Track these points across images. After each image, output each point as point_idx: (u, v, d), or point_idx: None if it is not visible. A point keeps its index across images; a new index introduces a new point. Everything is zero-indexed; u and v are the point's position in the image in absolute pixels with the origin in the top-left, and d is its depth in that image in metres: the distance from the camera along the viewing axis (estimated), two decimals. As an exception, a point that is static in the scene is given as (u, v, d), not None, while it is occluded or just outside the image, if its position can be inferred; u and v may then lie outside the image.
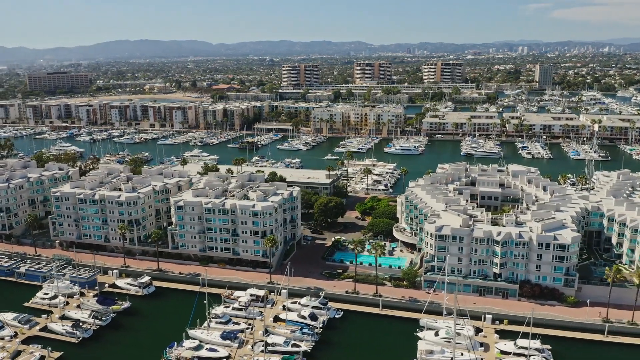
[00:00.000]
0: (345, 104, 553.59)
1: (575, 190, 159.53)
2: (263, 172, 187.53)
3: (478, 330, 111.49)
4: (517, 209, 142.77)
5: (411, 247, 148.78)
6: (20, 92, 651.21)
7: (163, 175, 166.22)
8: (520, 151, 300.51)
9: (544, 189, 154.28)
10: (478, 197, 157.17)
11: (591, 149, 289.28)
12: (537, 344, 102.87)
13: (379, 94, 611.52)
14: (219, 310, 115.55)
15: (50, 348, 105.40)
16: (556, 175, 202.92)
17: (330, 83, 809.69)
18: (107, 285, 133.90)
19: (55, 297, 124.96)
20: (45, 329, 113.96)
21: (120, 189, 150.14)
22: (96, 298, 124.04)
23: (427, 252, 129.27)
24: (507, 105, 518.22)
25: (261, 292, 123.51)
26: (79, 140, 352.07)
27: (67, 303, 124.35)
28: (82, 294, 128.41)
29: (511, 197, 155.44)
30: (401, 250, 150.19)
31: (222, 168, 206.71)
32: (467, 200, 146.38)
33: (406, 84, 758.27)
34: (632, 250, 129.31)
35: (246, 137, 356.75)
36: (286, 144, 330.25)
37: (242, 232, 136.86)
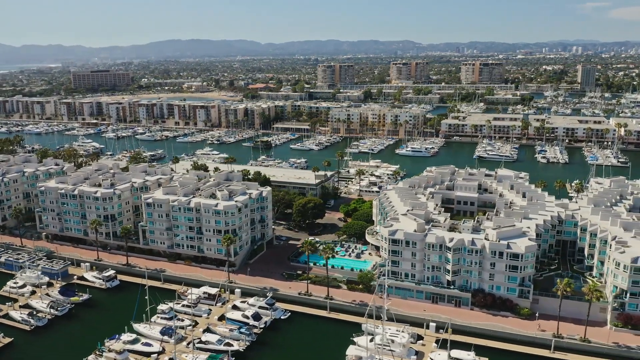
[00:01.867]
0: (374, 104, 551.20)
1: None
2: (248, 171, 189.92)
3: (419, 338, 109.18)
4: (490, 215, 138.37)
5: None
6: (64, 89, 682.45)
7: (146, 173, 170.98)
8: (536, 155, 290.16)
9: (523, 195, 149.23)
10: (455, 202, 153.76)
11: (612, 154, 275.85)
12: (471, 355, 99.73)
13: (410, 94, 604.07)
14: (164, 306, 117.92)
15: (2, 334, 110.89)
16: (564, 181, 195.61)
17: (365, 83, 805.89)
18: (75, 277, 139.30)
19: (24, 286, 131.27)
20: (6, 316, 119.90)
21: (99, 185, 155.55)
22: (58, 289, 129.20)
23: (382, 256, 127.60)
24: (542, 107, 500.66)
25: (214, 291, 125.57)
26: (104, 137, 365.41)
27: (34, 292, 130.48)
28: (50, 285, 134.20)
29: (488, 202, 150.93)
30: (370, 254, 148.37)
31: (220, 167, 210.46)
32: (437, 205, 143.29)
33: (442, 84, 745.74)
34: (603, 263, 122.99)
35: (262, 136, 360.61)
36: (298, 144, 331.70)
37: (206, 230, 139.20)
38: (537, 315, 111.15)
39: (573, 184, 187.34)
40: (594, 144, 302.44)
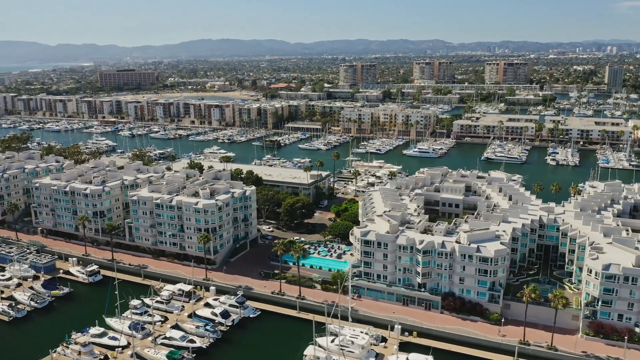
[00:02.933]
0: (392, 104, 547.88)
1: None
2: (241, 170, 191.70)
3: (383, 340, 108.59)
4: (469, 217, 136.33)
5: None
6: (90, 88, 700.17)
7: (139, 171, 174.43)
8: (546, 157, 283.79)
9: (510, 198, 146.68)
10: (439, 204, 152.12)
11: (625, 157, 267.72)
12: (429, 359, 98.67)
13: (429, 94, 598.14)
14: (136, 301, 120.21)
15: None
16: (570, 184, 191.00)
17: (388, 82, 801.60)
18: (61, 271, 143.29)
19: (10, 278, 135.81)
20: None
21: (90, 182, 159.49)
22: (41, 282, 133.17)
23: (355, 257, 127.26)
24: (564, 108, 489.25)
25: (188, 288, 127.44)
26: (120, 135, 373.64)
27: (20, 285, 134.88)
28: (36, 278, 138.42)
29: (473, 205, 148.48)
30: (352, 254, 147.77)
31: (221, 166, 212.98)
32: (418, 206, 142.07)
33: (466, 83, 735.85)
34: (582, 269, 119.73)
35: (272, 135, 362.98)
36: (306, 144, 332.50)
37: (187, 228, 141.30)
38: (502, 320, 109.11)
39: (570, 188, 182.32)
40: (607, 146, 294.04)
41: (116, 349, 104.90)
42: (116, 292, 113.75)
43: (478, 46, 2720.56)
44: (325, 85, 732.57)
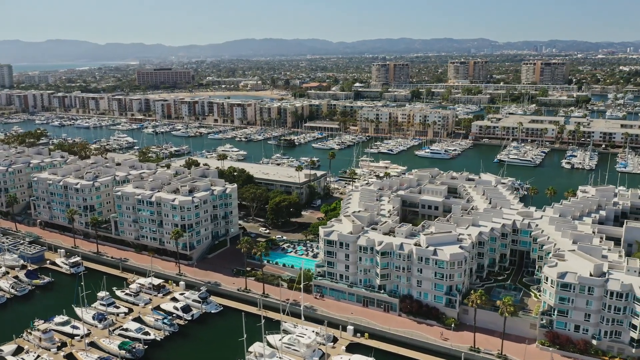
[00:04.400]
0: (420, 103, 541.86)
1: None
2: (234, 168, 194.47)
3: (335, 340, 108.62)
4: (441, 220, 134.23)
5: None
6: (127, 86, 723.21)
7: (133, 167, 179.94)
8: (562, 160, 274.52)
9: (490, 201, 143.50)
10: (419, 206, 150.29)
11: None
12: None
13: (459, 94, 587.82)
14: (103, 293, 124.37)
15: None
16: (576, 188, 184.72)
17: (421, 82, 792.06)
18: (48, 262, 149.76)
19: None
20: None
21: (82, 177, 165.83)
22: (24, 272, 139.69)
23: (320, 257, 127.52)
24: (598, 109, 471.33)
25: (157, 282, 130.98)
26: (144, 132, 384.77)
27: (7, 273, 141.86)
28: (24, 267, 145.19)
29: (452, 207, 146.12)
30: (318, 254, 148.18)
31: (229, 164, 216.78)
32: (392, 207, 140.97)
33: (502, 83, 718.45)
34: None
35: (290, 134, 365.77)
36: (320, 143, 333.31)
37: (166, 224, 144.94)
38: (452, 325, 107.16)
39: (565, 192, 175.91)
40: (629, 149, 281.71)
41: (75, 337, 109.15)
42: (82, 283, 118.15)
43: (525, 45, 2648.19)
44: (357, 84, 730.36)
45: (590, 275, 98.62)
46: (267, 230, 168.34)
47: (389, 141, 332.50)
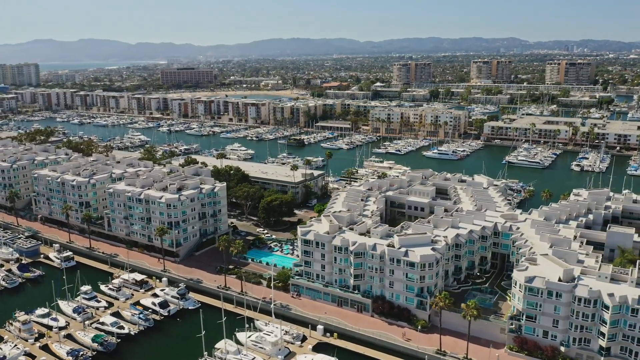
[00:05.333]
0: (439, 103, 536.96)
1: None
2: (231, 166, 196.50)
3: (304, 339, 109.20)
4: (421, 221, 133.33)
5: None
6: (151, 85, 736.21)
7: (130, 165, 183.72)
8: (573, 162, 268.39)
9: (476, 204, 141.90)
10: (405, 207, 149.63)
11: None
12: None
13: (478, 94, 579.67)
14: (86, 287, 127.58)
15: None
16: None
17: (444, 81, 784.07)
18: (42, 256, 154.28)
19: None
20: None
21: (78, 174, 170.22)
22: (17, 265, 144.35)
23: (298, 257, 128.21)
24: (620, 110, 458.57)
25: (140, 277, 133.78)
26: (159, 131, 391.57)
27: (2, 266, 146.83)
28: (18, 261, 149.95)
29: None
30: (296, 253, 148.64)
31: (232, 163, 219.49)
32: (376, 208, 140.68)
33: (525, 83, 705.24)
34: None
35: (302, 134, 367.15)
36: (328, 143, 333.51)
37: (154, 221, 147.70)
38: (419, 327, 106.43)
39: (562, 195, 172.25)
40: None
41: (53, 329, 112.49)
42: (64, 277, 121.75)
43: (556, 45, 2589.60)
44: (378, 84, 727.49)
45: (560, 280, 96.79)
46: (265, 230, 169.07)
47: (398, 141, 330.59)
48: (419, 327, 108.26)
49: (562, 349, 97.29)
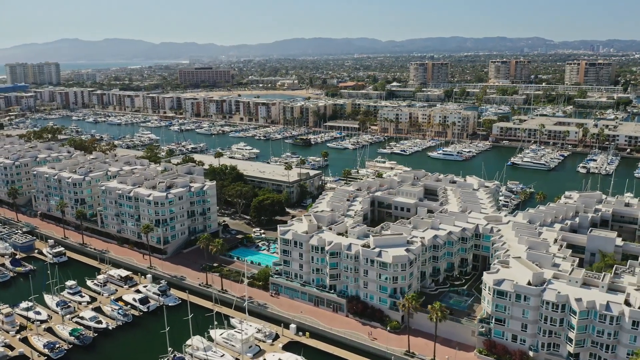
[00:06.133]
0: (454, 104, 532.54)
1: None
2: (226, 165, 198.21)
3: (277, 337, 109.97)
4: (402, 222, 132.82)
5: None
6: (169, 84, 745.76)
7: (127, 163, 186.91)
8: (580, 164, 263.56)
9: (461, 205, 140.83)
10: (392, 208, 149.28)
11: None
12: (299, 359, 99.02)
13: (494, 94, 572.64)
14: (71, 282, 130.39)
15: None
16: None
17: (462, 81, 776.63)
18: (36, 251, 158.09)
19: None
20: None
21: (75, 172, 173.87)
22: (10, 259, 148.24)
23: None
24: (638, 112, 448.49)
25: (124, 273, 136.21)
26: (170, 130, 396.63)
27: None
28: (13, 255, 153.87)
29: (427, 209, 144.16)
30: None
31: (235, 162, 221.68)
32: (362, 208, 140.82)
33: (544, 84, 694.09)
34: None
35: (308, 133, 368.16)
36: (334, 143, 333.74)
37: (143, 218, 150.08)
38: (387, 329, 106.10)
39: (555, 197, 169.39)
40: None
41: (34, 322, 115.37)
42: (49, 272, 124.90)
43: (581, 45, 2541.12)
44: (395, 83, 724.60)
45: (529, 284, 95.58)
46: (261, 230, 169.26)
47: (405, 142, 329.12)
48: (388, 328, 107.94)
49: (531, 353, 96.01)
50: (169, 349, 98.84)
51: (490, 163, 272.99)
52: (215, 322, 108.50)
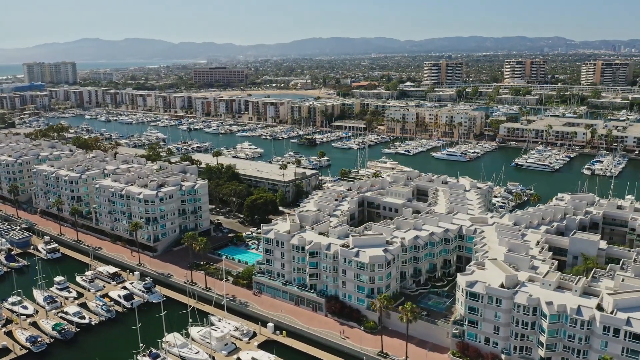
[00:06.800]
0: (465, 104, 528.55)
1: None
2: (222, 164, 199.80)
3: (254, 335, 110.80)
4: (385, 222, 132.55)
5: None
6: (183, 84, 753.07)
7: (125, 162, 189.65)
8: (585, 166, 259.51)
9: (448, 206, 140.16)
10: (380, 208, 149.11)
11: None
12: (271, 357, 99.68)
13: (507, 94, 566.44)
14: (59, 278, 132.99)
15: None
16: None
17: (475, 81, 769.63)
18: (32, 247, 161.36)
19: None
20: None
21: (72, 170, 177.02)
22: (5, 255, 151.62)
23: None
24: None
25: (112, 270, 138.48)
26: (179, 129, 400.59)
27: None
28: (9, 251, 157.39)
29: (415, 210, 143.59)
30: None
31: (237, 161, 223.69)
32: (347, 208, 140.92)
33: (559, 84, 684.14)
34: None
35: (314, 133, 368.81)
36: (339, 143, 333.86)
37: (134, 216, 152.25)
38: (361, 329, 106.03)
39: (549, 200, 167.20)
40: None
41: (21, 316, 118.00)
42: (37, 267, 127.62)
43: (602, 44, 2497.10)
44: (408, 83, 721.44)
45: (502, 286, 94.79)
46: (256, 228, 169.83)
47: (410, 142, 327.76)
48: (362, 328, 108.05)
49: (503, 357, 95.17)
50: (141, 344, 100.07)
51: (494, 164, 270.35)
52: (191, 320, 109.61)
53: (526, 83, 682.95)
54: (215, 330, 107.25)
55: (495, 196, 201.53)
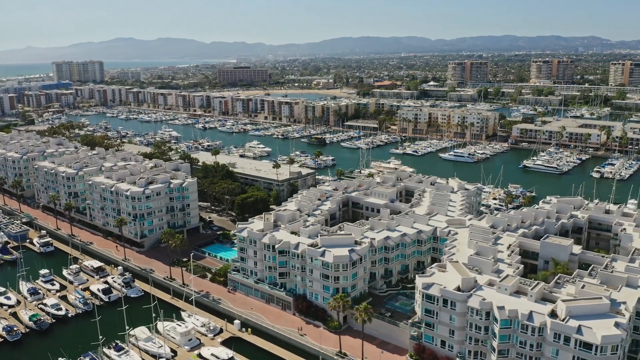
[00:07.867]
0: (485, 104, 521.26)
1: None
2: (218, 162, 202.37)
3: (220, 332, 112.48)
4: (362, 222, 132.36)
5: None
6: (208, 83, 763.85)
7: (123, 160, 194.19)
8: (594, 168, 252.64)
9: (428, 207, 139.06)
10: (363, 208, 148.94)
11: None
12: (229, 354, 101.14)
13: (529, 94, 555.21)
14: (44, 271, 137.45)
15: None
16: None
17: (501, 81, 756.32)
18: (28, 240, 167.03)
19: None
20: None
21: (70, 167, 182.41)
22: (0, 247, 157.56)
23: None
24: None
25: (97, 264, 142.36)
26: (195, 127, 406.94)
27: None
28: (6, 244, 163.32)
29: (397, 210, 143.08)
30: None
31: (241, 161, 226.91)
32: (328, 208, 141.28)
33: (586, 84, 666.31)
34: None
35: (326, 133, 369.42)
36: (348, 142, 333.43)
37: (122, 212, 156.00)
38: (321, 328, 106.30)
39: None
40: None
41: (3, 306, 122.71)
42: (21, 260, 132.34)
43: (639, 44, 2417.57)
44: (432, 83, 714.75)
45: (458, 289, 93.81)
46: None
47: (420, 142, 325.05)
48: (323, 327, 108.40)
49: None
50: (100, 337, 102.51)
51: (502, 165, 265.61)
52: (154, 315, 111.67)
53: (552, 83, 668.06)
54: (180, 326, 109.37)
55: (495, 198, 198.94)
